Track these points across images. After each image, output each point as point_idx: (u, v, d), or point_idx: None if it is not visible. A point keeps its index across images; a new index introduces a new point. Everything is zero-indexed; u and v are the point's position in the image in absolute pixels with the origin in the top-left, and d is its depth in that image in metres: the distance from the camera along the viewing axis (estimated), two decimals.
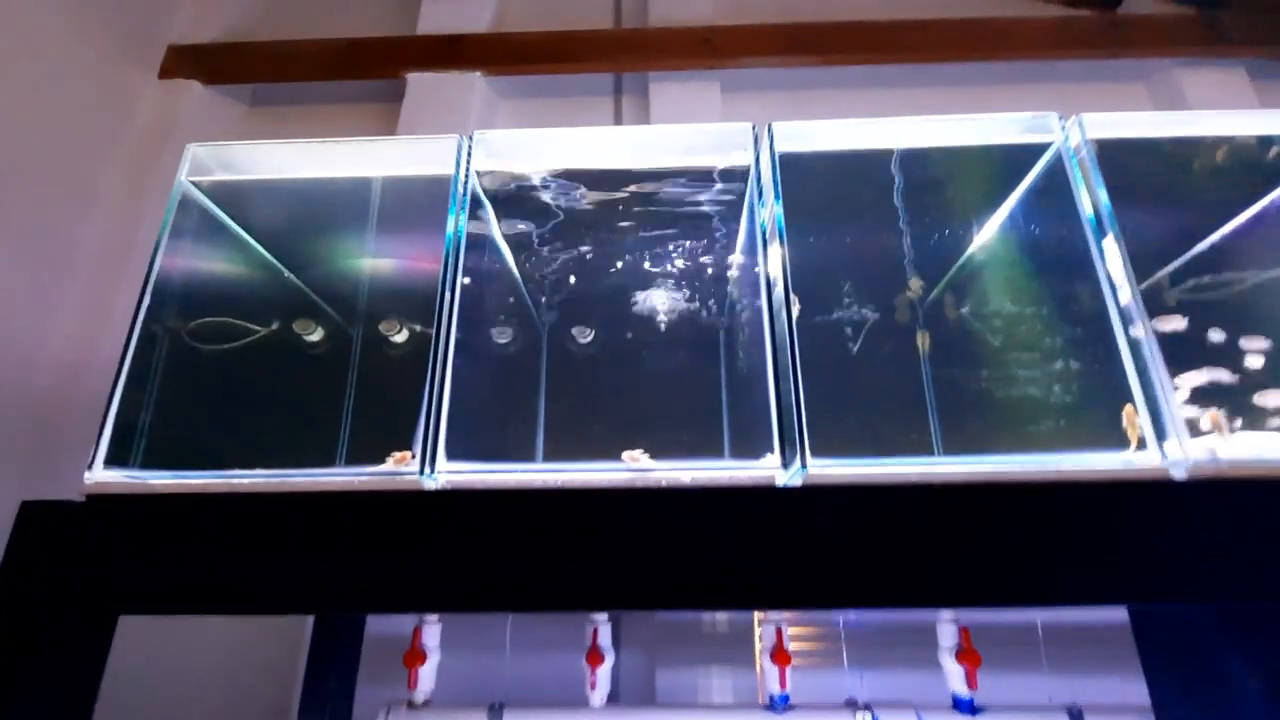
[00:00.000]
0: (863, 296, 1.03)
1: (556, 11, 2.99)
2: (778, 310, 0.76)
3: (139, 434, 0.91)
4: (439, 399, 0.72)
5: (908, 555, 0.63)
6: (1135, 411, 0.69)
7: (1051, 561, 0.63)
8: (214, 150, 0.91)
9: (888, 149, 0.97)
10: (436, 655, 1.47)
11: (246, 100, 2.97)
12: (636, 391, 1.03)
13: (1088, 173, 0.79)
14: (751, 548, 0.65)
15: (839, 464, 0.67)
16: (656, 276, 0.99)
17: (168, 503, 0.72)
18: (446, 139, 0.90)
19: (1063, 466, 0.66)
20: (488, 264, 0.96)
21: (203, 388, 1.03)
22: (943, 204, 1.01)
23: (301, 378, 1.16)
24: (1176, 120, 0.86)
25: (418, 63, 2.70)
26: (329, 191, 1.02)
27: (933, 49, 2.56)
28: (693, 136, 0.92)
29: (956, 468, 0.66)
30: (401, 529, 0.68)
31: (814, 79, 2.82)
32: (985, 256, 0.93)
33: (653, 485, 0.68)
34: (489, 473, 0.70)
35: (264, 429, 1.05)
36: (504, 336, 1.14)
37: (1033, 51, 2.56)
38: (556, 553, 0.65)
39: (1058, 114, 0.85)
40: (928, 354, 1.00)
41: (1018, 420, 0.87)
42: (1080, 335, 0.80)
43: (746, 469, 0.68)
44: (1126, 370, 0.70)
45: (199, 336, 1.06)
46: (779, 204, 0.79)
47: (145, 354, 0.90)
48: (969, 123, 0.89)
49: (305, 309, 1.15)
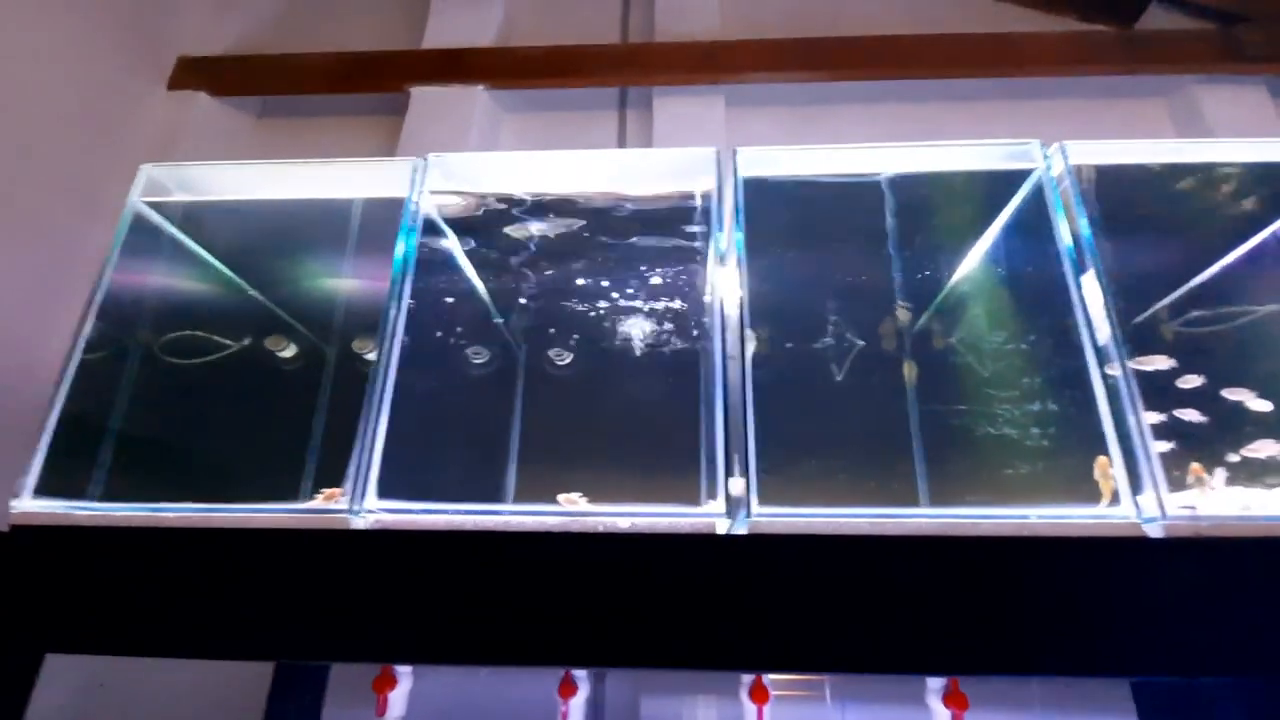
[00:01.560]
0: (844, 324, 0.99)
1: (563, 27, 2.99)
2: (736, 345, 0.73)
3: (97, 462, 0.89)
4: (374, 434, 0.69)
5: (853, 615, 0.59)
6: (1109, 462, 0.64)
7: (1011, 627, 0.58)
8: (171, 171, 0.90)
9: (873, 174, 0.93)
10: (408, 680, 1.44)
11: (255, 112, 3.00)
12: (609, 421, 0.99)
13: (1069, 202, 0.75)
14: (689, 601, 0.61)
15: (787, 514, 0.63)
16: (623, 303, 0.95)
17: (96, 535, 0.70)
18: (402, 162, 0.87)
19: (1029, 522, 0.61)
20: (449, 287, 0.93)
21: (164, 411, 1.01)
22: (928, 231, 0.96)
23: (271, 397, 1.14)
24: (1167, 148, 0.81)
25: (421, 76, 2.71)
26: (293, 213, 1.00)
27: (944, 64, 2.51)
28: (659, 161, 0.89)
29: (912, 521, 0.61)
30: (325, 570, 0.65)
31: (822, 94, 2.78)
32: (967, 287, 0.89)
33: (588, 530, 0.64)
34: (419, 513, 0.66)
35: (227, 454, 1.02)
36: (479, 357, 1.11)
37: (1047, 68, 2.50)
38: (482, 600, 0.62)
39: (1040, 141, 0.80)
40: (915, 386, 0.95)
41: (996, 463, 0.82)
42: (1058, 375, 0.75)
43: (687, 516, 0.64)
44: (1101, 415, 0.65)
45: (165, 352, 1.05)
46: (739, 231, 0.75)
47: (97, 371, 0.89)
48: (951, 149, 0.84)
49: (275, 328, 1.13)
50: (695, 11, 2.87)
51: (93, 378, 0.81)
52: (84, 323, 0.77)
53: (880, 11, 2.85)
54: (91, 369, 0.80)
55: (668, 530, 0.64)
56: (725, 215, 0.79)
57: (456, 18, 2.89)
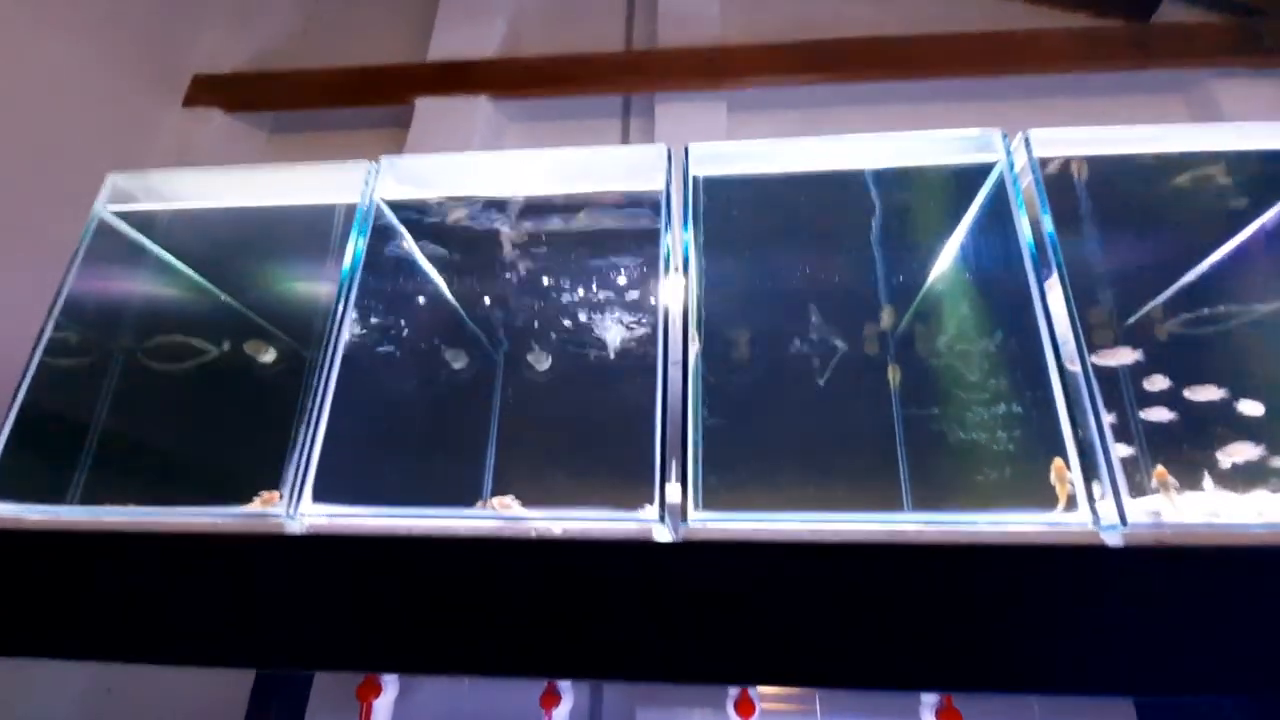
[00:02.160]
0: (822, 327, 0.96)
1: (568, 36, 3.01)
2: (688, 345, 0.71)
3: (80, 468, 0.90)
4: (311, 436, 0.69)
5: (789, 625, 0.56)
6: (1066, 466, 0.60)
7: (952, 638, 0.55)
8: (136, 179, 0.91)
9: (853, 169, 0.91)
10: (394, 688, 1.43)
11: (267, 127, 3.07)
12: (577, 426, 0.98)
13: (1031, 196, 0.71)
14: (622, 609, 0.59)
15: (724, 518, 0.60)
16: (597, 304, 0.94)
17: (41, 539, 0.70)
18: (355, 165, 0.88)
19: (977, 529, 0.58)
20: (412, 290, 0.93)
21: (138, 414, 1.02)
22: (901, 229, 0.93)
23: (250, 401, 1.15)
24: (1139, 136, 0.77)
25: (426, 88, 2.74)
26: (271, 219, 1.01)
27: (950, 63, 2.46)
28: (613, 159, 0.88)
29: (854, 526, 0.59)
30: (260, 574, 0.64)
31: (826, 97, 2.75)
32: (938, 286, 0.86)
33: (521, 536, 0.63)
34: (353, 516, 0.66)
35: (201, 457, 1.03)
36: (459, 360, 1.11)
37: (1058, 65, 2.44)
38: (412, 605, 0.60)
39: (1002, 131, 0.77)
40: (898, 390, 0.92)
41: (967, 468, 0.78)
42: (1024, 376, 0.71)
43: (623, 520, 0.62)
44: (1059, 414, 0.62)
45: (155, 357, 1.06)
46: (687, 231, 0.73)
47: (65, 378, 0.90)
48: (911, 141, 0.82)
49: (254, 333, 1.14)
50: (697, 18, 2.87)
51: (55, 382, 0.82)
52: (45, 326, 0.78)
53: (884, 13, 2.81)
54: (52, 372, 0.81)
55: (601, 536, 0.62)
56: (674, 215, 0.77)
57: (461, 30, 2.93)
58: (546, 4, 3.17)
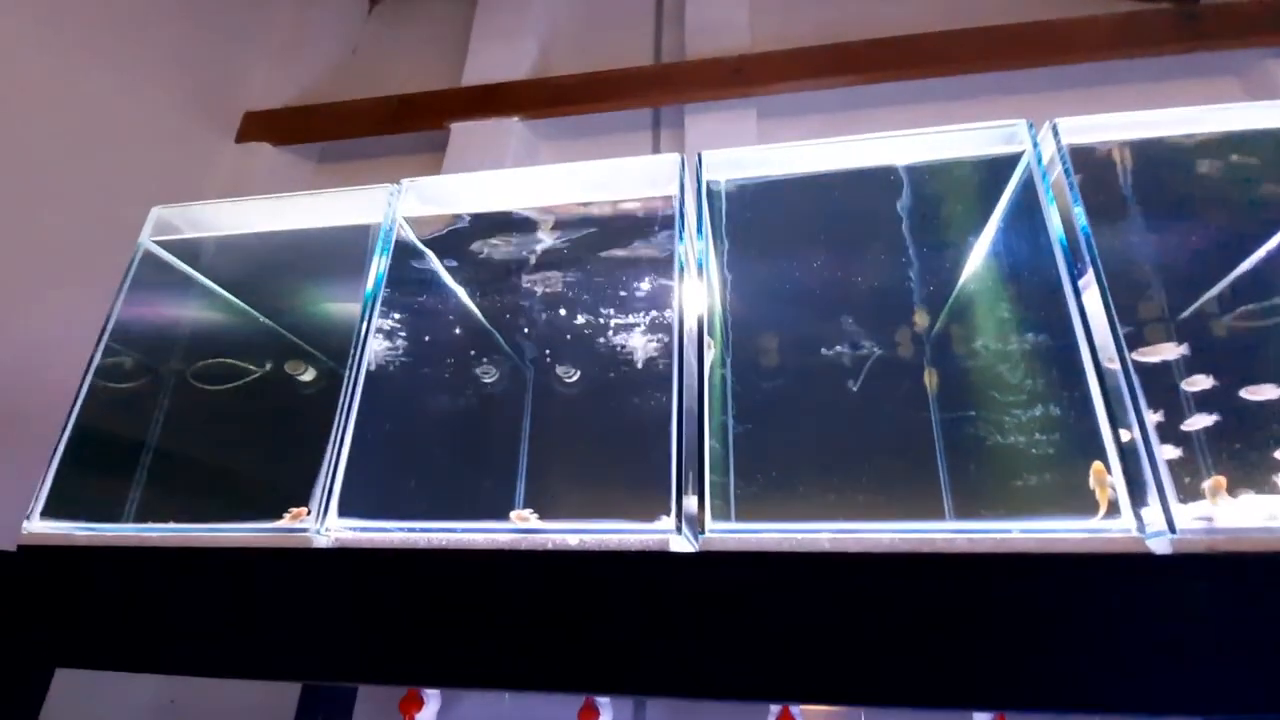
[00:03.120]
0: (853, 331, 0.94)
1: (597, 53, 3.05)
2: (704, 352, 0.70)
3: (134, 486, 0.95)
4: (338, 452, 0.70)
5: (818, 640, 0.54)
6: (1106, 470, 0.57)
7: (994, 654, 0.52)
8: (178, 211, 0.96)
9: (879, 168, 0.89)
10: (436, 701, 1.45)
11: (314, 158, 3.20)
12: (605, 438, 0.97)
13: (1061, 187, 0.68)
14: (640, 622, 0.58)
15: (742, 530, 0.59)
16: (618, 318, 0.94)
17: (93, 555, 0.73)
18: (378, 189, 0.90)
19: (1010, 537, 0.55)
20: (439, 307, 0.95)
21: (184, 433, 1.07)
22: (926, 228, 0.91)
23: (289, 420, 1.18)
24: (1176, 119, 0.73)
25: (460, 112, 2.82)
26: (299, 243, 1.05)
27: (986, 58, 2.39)
28: (631, 170, 0.88)
29: (875, 537, 0.56)
30: (290, 588, 0.66)
31: (857, 99, 2.71)
32: (970, 285, 0.83)
33: (538, 548, 0.63)
34: (377, 531, 0.67)
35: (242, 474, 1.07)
36: (487, 377, 1.12)
37: (1100, 52, 2.34)
38: (433, 620, 0.61)
39: (1027, 121, 0.74)
40: (935, 394, 0.89)
41: (1005, 474, 0.75)
42: (1059, 376, 0.68)
43: (638, 532, 0.61)
44: (1098, 415, 0.58)
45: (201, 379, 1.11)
46: (701, 239, 0.73)
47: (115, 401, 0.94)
48: (935, 137, 0.79)
49: (294, 354, 1.18)
50: (725, 27, 2.87)
51: (104, 405, 0.87)
52: (95, 350, 0.83)
53: (915, 10, 2.76)
54: (101, 395, 0.86)
55: (618, 548, 0.62)
56: (689, 223, 0.77)
57: (494, 53, 3.01)
58: (576, 22, 3.22)
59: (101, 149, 2.32)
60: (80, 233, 2.18)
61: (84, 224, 2.19)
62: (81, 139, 2.26)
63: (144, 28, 2.56)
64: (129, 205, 2.37)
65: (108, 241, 2.27)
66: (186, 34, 2.76)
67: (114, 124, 2.38)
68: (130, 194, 2.37)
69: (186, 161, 2.75)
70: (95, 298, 2.25)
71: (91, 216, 2.22)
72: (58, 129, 2.20)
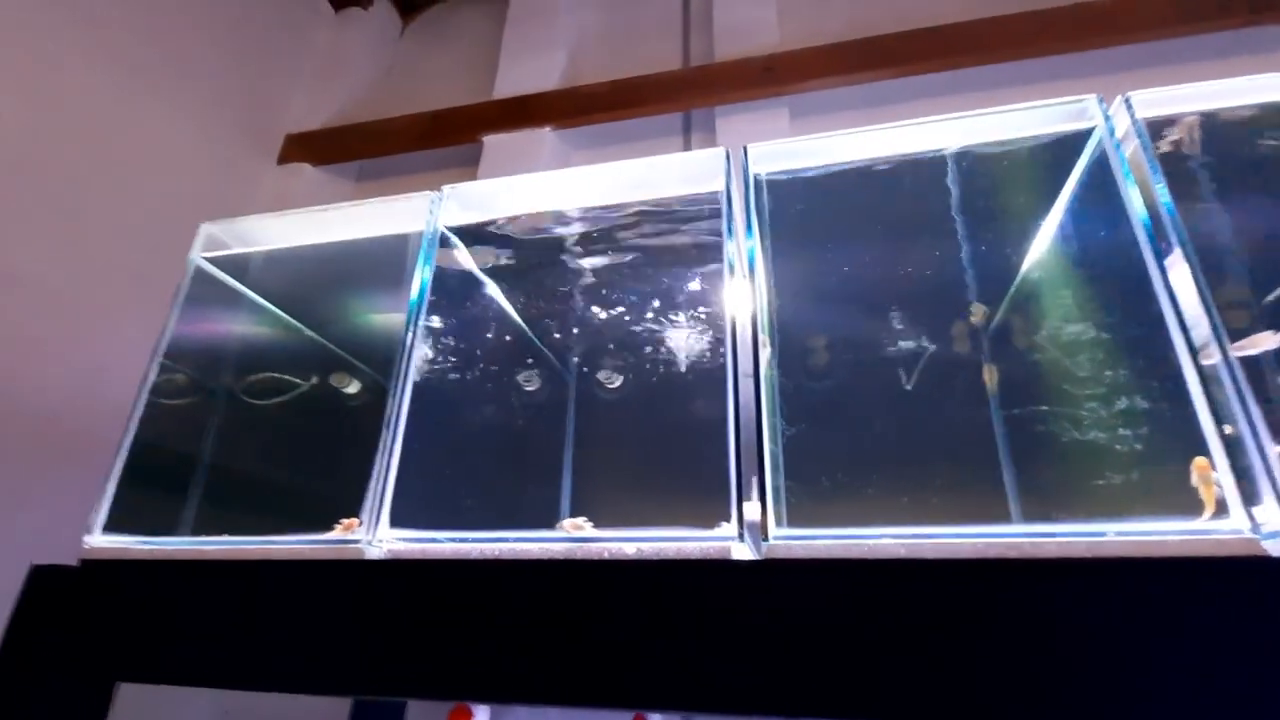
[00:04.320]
0: (909, 327, 0.90)
1: (626, 59, 3.06)
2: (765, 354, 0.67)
3: (190, 500, 0.97)
4: (387, 464, 0.70)
5: (884, 655, 0.51)
6: (1210, 465, 0.52)
7: (1082, 673, 0.48)
8: (225, 226, 0.97)
9: (930, 153, 0.85)
10: (485, 714, 1.44)
11: (353, 176, 3.28)
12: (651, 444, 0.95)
13: (1140, 163, 0.63)
14: (702, 634, 0.55)
15: (807, 536, 0.56)
16: (651, 320, 0.92)
17: (152, 569, 0.74)
18: (418, 197, 0.90)
19: (1105, 540, 0.51)
20: (482, 313, 0.94)
21: (234, 448, 1.08)
22: (987, 214, 0.86)
23: (332, 435, 1.19)
24: (1255, 87, 0.67)
25: (492, 125, 2.85)
26: (343, 255, 1.05)
27: (1021, 44, 2.32)
28: (672, 167, 0.86)
29: (952, 542, 0.52)
30: (341, 601, 0.65)
31: (890, 93, 2.65)
32: (1035, 274, 0.78)
33: (593, 557, 0.60)
34: (429, 542, 0.65)
35: (293, 488, 1.08)
36: (530, 384, 1.11)
37: (1153, 31, 2.24)
38: (485, 632, 0.59)
39: (1098, 95, 0.70)
40: (995, 393, 0.85)
41: (1081, 474, 0.70)
42: (1145, 366, 0.63)
43: (698, 540, 0.59)
44: (1196, 408, 0.53)
45: (251, 394, 1.13)
46: (750, 236, 0.70)
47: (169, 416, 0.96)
48: (998, 115, 0.75)
49: (338, 366, 1.19)
50: (755, 27, 2.84)
51: (160, 420, 0.88)
52: (150, 367, 0.84)
53: (947, 2, 2.69)
54: (159, 411, 0.87)
55: (676, 556, 0.59)
56: (737, 219, 0.74)
57: (524, 65, 3.04)
58: (603, 32, 3.24)
59: (152, 177, 2.40)
60: (133, 257, 2.26)
61: (137, 248, 2.27)
62: (134, 169, 2.34)
63: (189, 60, 2.65)
64: (178, 229, 2.45)
65: (159, 264, 2.35)
66: (229, 63, 2.85)
67: (163, 152, 2.47)
68: (179, 218, 2.45)
69: (231, 185, 2.84)
70: (148, 317, 2.32)
71: (144, 241, 2.30)
72: (112, 159, 2.29)
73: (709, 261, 0.81)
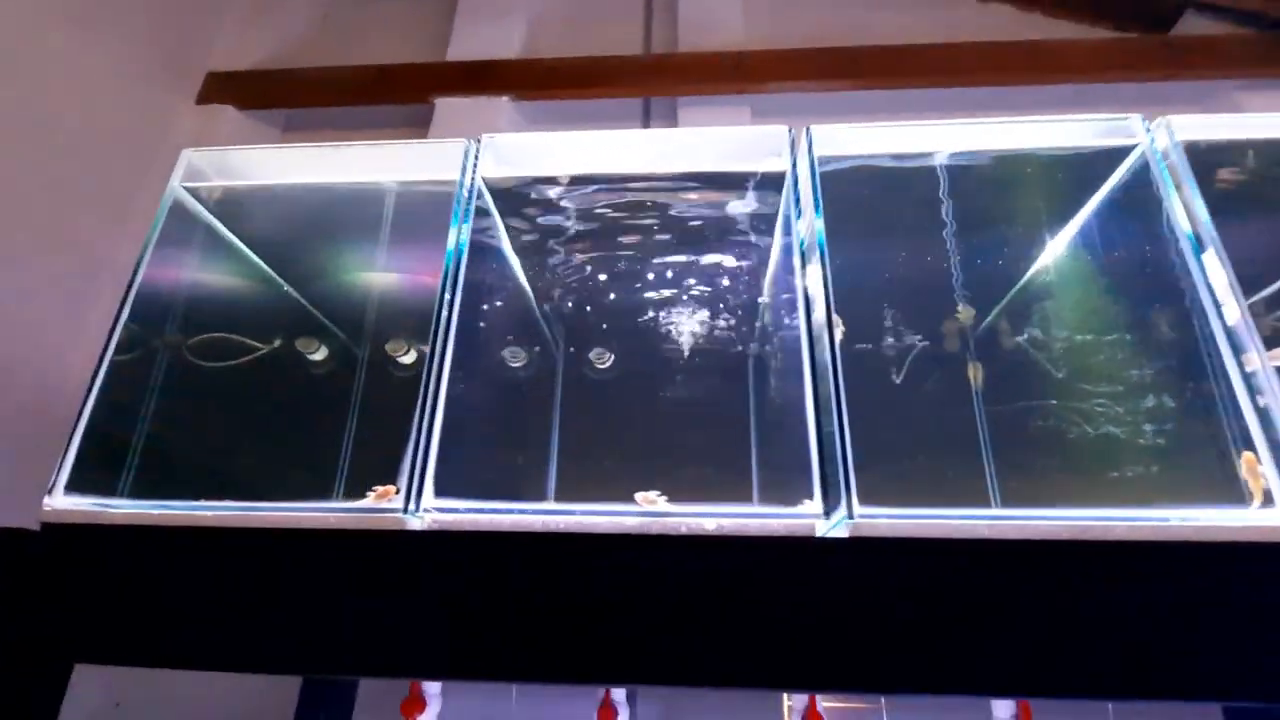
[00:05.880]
0: (907, 321, 0.93)
1: (586, 39, 2.99)
2: (817, 335, 0.67)
3: (130, 457, 0.84)
4: (429, 428, 0.64)
5: (977, 628, 0.52)
6: (1256, 459, 0.57)
7: (1147, 643, 0.51)
8: (211, 155, 0.86)
9: (952, 155, 0.87)
10: (438, 703, 1.37)
11: (280, 125, 3.01)
12: (654, 424, 0.93)
13: (1180, 180, 0.69)
14: (784, 613, 0.54)
15: (893, 514, 0.56)
16: (680, 295, 0.90)
17: (129, 535, 0.64)
18: (453, 143, 0.83)
19: (1169, 525, 0.54)
20: (495, 279, 0.88)
21: (195, 407, 0.96)
22: (1001, 218, 0.90)
23: (302, 399, 1.09)
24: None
25: (446, 88, 2.70)
26: (333, 200, 0.95)
27: (974, 73, 2.47)
28: (722, 141, 0.84)
29: (1036, 524, 0.55)
30: (378, 576, 0.59)
31: (848, 104, 2.74)
32: (1054, 276, 0.82)
33: (670, 532, 0.58)
34: (482, 512, 0.60)
35: (255, 455, 0.97)
36: (517, 359, 1.06)
37: (1083, 75, 2.45)
38: (554, 611, 0.55)
39: (1142, 116, 0.75)
40: (980, 389, 0.89)
41: (1095, 465, 0.75)
42: (1176, 366, 0.68)
43: (781, 516, 0.58)
44: (1243, 408, 0.58)
45: (195, 353, 1.00)
46: (819, 217, 0.70)
47: (130, 370, 0.84)
48: (1032, 127, 0.79)
49: (309, 325, 1.08)
50: (720, 24, 2.85)
51: (126, 374, 0.76)
52: (118, 318, 0.72)
53: (908, 22, 2.82)
54: (124, 365, 0.75)
55: (759, 533, 0.58)
56: (804, 200, 0.74)
57: (481, 31, 2.90)
58: (565, 7, 3.14)
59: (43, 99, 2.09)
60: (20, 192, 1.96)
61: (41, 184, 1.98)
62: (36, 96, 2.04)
63: None
64: (73, 161, 2.15)
65: (51, 200, 2.05)
66: None
67: (57, 73, 2.15)
68: (76, 151, 2.16)
69: (141, 120, 2.53)
70: (34, 253, 2.03)
71: (33, 175, 2.00)
72: (17, 85, 1.97)
73: (758, 239, 0.80)
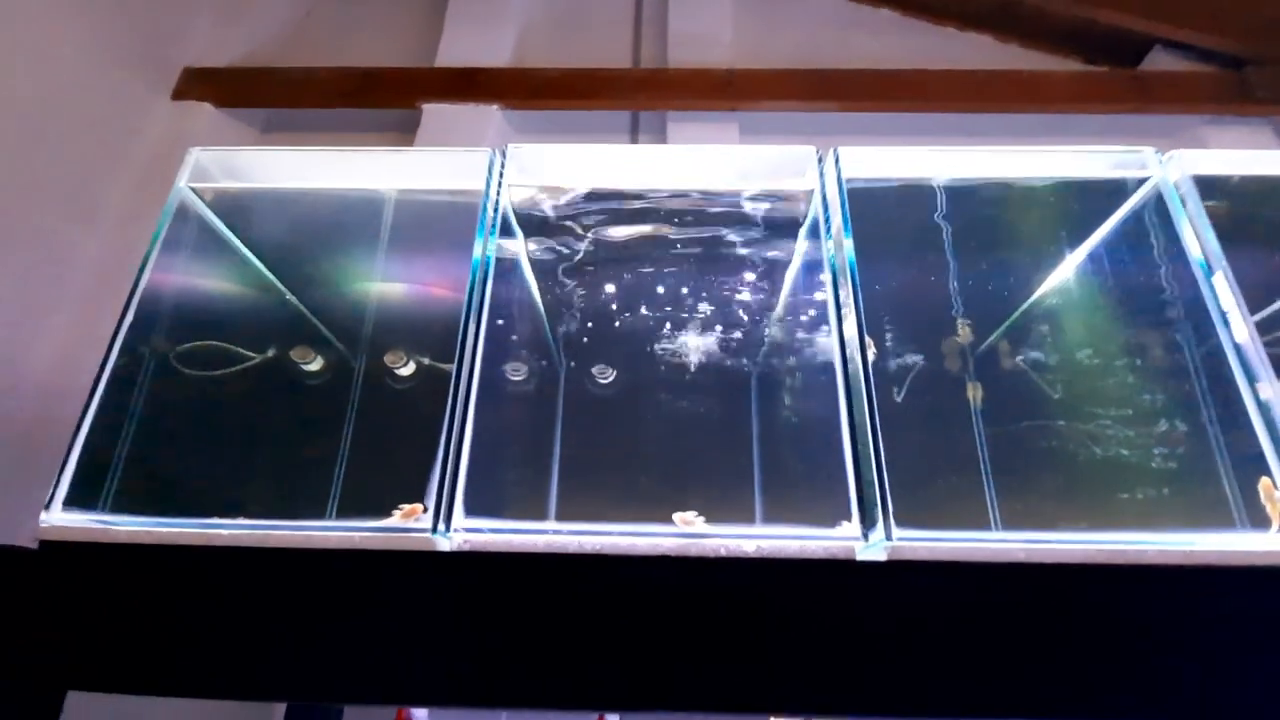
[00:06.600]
0: (910, 341, 0.94)
1: (575, 52, 2.99)
2: (848, 356, 0.67)
3: (113, 471, 0.80)
4: (458, 445, 0.62)
5: (1021, 654, 0.52)
6: (1273, 485, 0.59)
7: (1193, 667, 0.52)
8: (219, 156, 0.83)
9: (957, 181, 0.89)
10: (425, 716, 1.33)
11: (259, 125, 2.94)
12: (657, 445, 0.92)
13: (1193, 211, 0.71)
14: (824, 637, 0.53)
15: (932, 537, 0.57)
16: (694, 313, 0.89)
17: (134, 554, 0.61)
18: (477, 152, 0.81)
19: (1195, 550, 0.56)
20: (507, 292, 0.87)
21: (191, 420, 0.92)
22: (1006, 243, 0.92)
23: (296, 413, 1.06)
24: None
25: (434, 93, 2.67)
26: (342, 206, 0.93)
27: (953, 98, 2.54)
28: (745, 159, 0.85)
29: (1071, 547, 0.56)
30: (407, 599, 0.56)
31: (833, 125, 2.80)
32: (1060, 300, 0.85)
33: (709, 555, 0.57)
34: (515, 533, 0.59)
35: (251, 469, 0.94)
36: (518, 374, 1.04)
37: (1057, 105, 2.54)
38: (597, 635, 0.54)
39: (1155, 148, 0.78)
40: (980, 408, 0.90)
41: (1103, 489, 0.76)
42: (1186, 391, 0.70)
43: (819, 539, 0.58)
44: (1257, 432, 0.60)
45: (188, 362, 0.96)
46: (848, 237, 0.70)
47: (128, 381, 0.80)
48: (1044, 155, 0.81)
49: (307, 334, 1.05)
50: (709, 41, 2.88)
51: (125, 384, 0.73)
52: (121, 325, 0.69)
53: (889, 47, 2.90)
54: (122, 374, 0.72)
55: (797, 555, 0.57)
56: (835, 220, 0.74)
57: (470, 38, 2.88)
58: (554, 18, 3.15)
59: (21, 92, 2.01)
60: None
61: None
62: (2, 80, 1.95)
63: None
64: (45, 157, 2.07)
65: (21, 196, 1.96)
66: None
67: (33, 67, 2.07)
68: (47, 145, 2.07)
69: (114, 115, 2.45)
70: (15, 262, 1.94)
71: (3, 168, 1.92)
72: None
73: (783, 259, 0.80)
